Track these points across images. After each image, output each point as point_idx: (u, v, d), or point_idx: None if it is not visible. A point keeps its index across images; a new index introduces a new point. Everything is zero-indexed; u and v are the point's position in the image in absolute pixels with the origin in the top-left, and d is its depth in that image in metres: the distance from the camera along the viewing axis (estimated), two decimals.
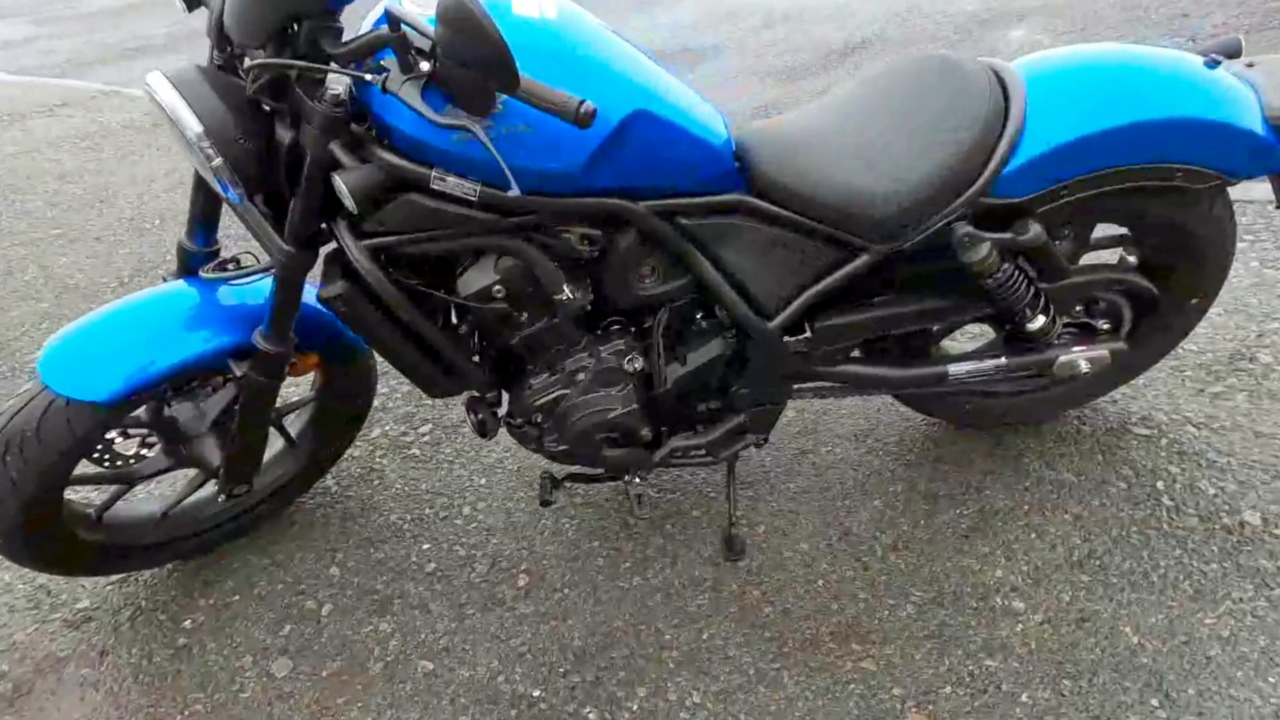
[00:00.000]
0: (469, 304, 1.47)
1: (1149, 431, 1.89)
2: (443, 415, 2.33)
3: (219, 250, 1.64)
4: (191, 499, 1.89)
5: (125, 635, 1.78)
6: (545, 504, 1.75)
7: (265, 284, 1.64)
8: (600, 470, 1.79)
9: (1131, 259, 1.67)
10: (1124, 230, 1.67)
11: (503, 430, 2.14)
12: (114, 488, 1.79)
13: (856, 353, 1.74)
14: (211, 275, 1.57)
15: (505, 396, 1.69)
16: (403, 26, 1.14)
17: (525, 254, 1.42)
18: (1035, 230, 1.45)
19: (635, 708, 1.53)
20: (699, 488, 1.97)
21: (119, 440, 1.70)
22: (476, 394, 1.70)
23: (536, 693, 1.58)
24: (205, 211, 1.58)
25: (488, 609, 1.76)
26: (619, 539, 1.87)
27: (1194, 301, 1.71)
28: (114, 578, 1.92)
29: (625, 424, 1.64)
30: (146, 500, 1.95)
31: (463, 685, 1.61)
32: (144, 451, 1.78)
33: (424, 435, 2.27)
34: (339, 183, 1.25)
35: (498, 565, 1.86)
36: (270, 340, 1.52)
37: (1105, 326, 1.70)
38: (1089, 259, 1.69)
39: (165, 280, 1.64)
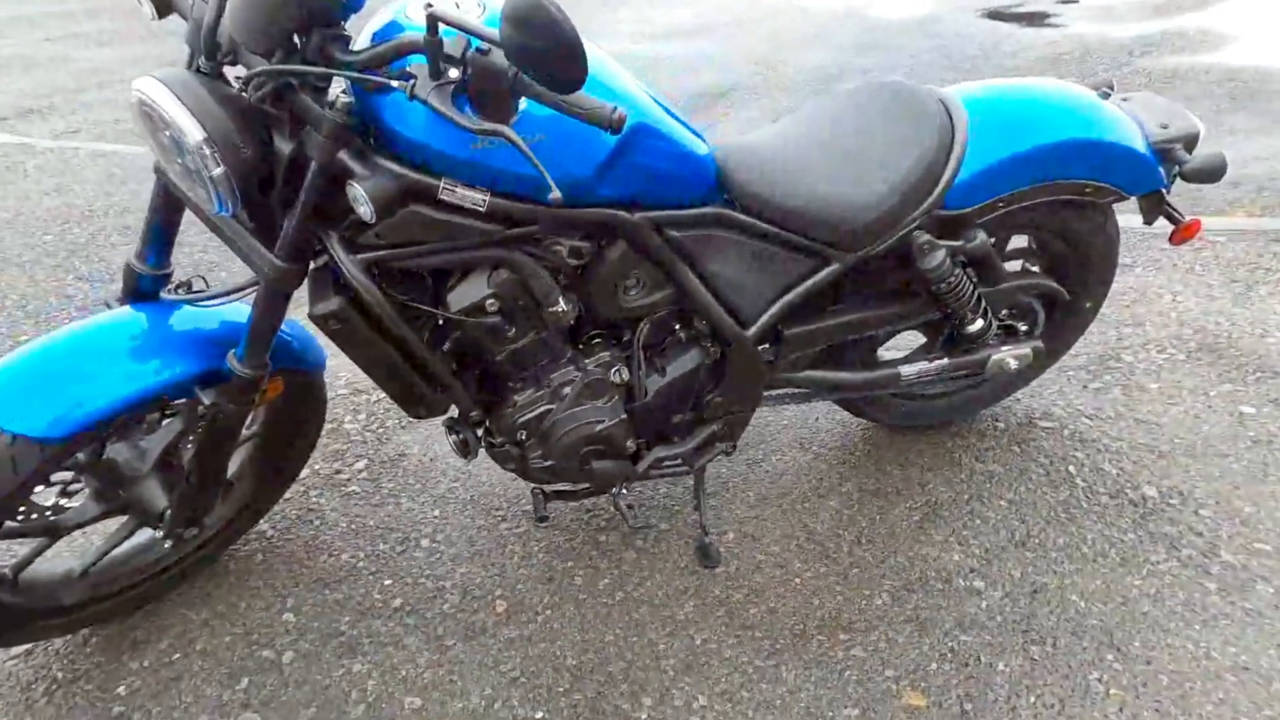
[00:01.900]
0: (460, 319, 1.46)
1: (1052, 424, 2.13)
2: (377, 450, 2.24)
3: (171, 273, 1.53)
4: (119, 551, 1.72)
5: (43, 714, 1.57)
6: (542, 520, 1.73)
7: (232, 307, 1.54)
8: (583, 486, 1.79)
9: (1034, 269, 1.91)
10: (1026, 243, 1.90)
11: (448, 459, 2.11)
12: (36, 541, 1.60)
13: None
14: (177, 297, 1.46)
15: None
16: (441, 31, 1.14)
17: (523, 266, 1.43)
18: (981, 237, 1.63)
19: (644, 717, 1.53)
20: (660, 502, 2.01)
21: (37, 489, 1.53)
22: (457, 413, 1.67)
23: (540, 714, 1.55)
24: (163, 230, 1.48)
25: (469, 638, 1.70)
26: (592, 557, 1.87)
27: (1088, 305, 1.97)
28: (14, 651, 1.70)
29: (612, 436, 1.66)
30: (62, 557, 1.75)
31: (457, 717, 1.55)
32: (64, 501, 1.61)
33: (360, 471, 2.17)
34: (357, 191, 1.22)
35: (471, 594, 1.81)
36: (247, 363, 1.43)
37: (1024, 328, 1.91)
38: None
39: (110, 306, 1.50)
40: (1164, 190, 1.76)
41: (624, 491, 1.74)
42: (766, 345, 1.74)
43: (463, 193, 1.29)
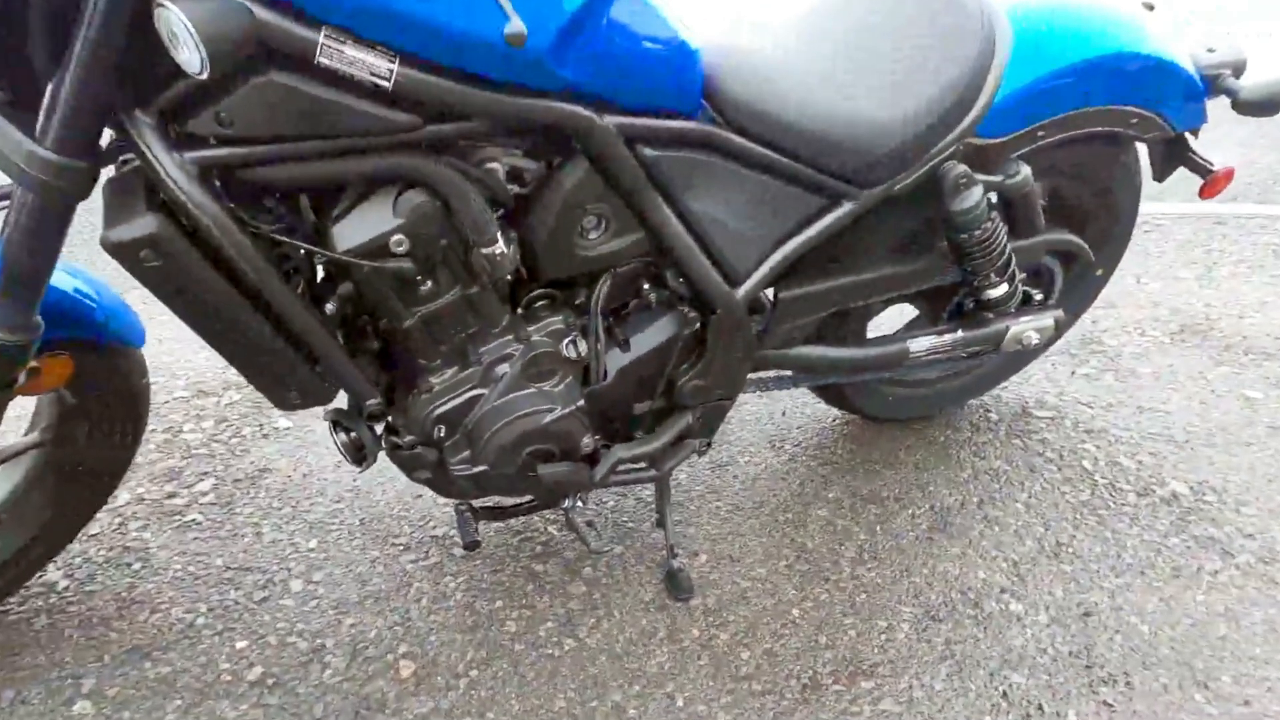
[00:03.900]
0: (352, 263, 1.01)
1: (1049, 414, 1.86)
2: (229, 465, 1.71)
3: None
4: None
5: None
6: (471, 547, 1.27)
7: None
8: (524, 500, 1.35)
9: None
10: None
11: (328, 474, 1.63)
12: None
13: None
14: None
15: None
16: None
17: (447, 185, 1.00)
18: (1025, 171, 1.31)
19: None
20: (607, 516, 1.59)
21: None
22: (347, 403, 1.20)
23: None
24: None
25: (361, 718, 1.22)
26: (528, 594, 1.43)
27: (1100, 272, 1.70)
28: None
29: (563, 431, 1.24)
30: None
31: None
32: None
33: (204, 494, 1.64)
34: (171, 15, 0.76)
35: (362, 654, 1.32)
36: (5, 322, 0.93)
37: (1039, 296, 1.62)
38: None
39: None
40: (1195, 132, 1.51)
41: (580, 505, 1.31)
42: (755, 314, 1.37)
43: (355, 54, 0.86)
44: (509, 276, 1.18)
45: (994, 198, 1.33)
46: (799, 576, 1.47)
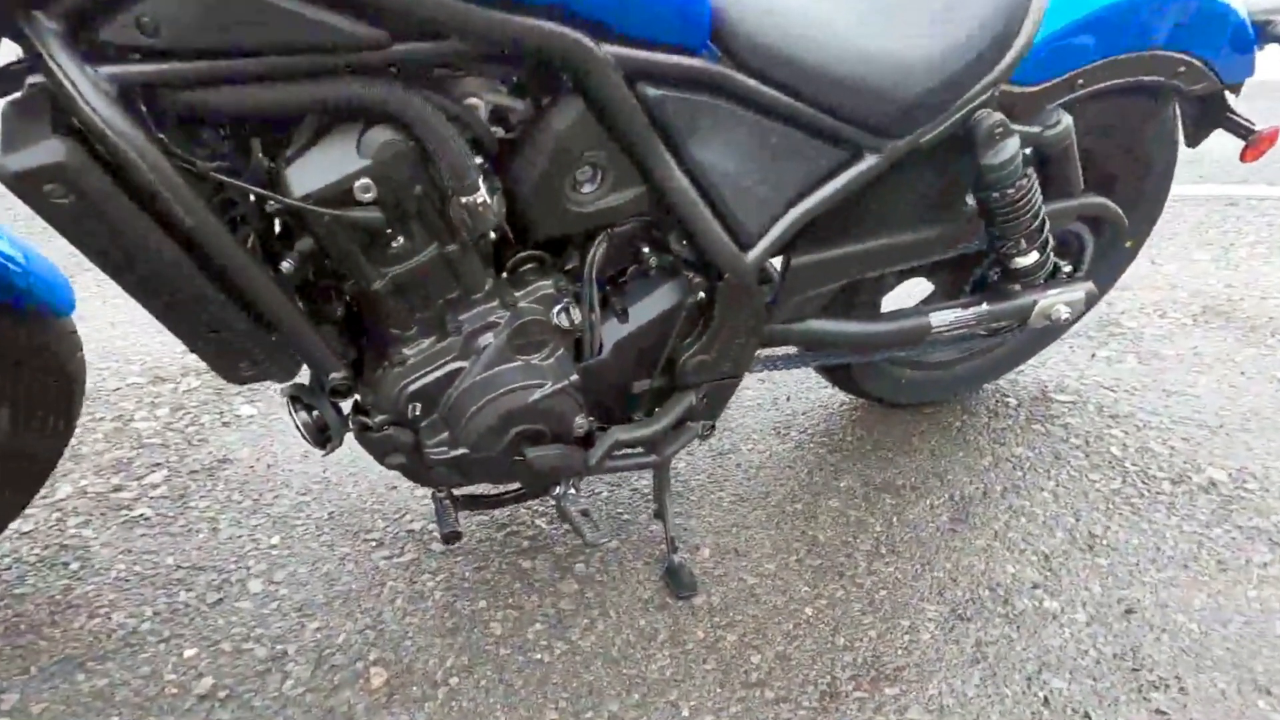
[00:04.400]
0: (311, 211, 0.87)
1: (1070, 398, 1.74)
2: (184, 456, 1.56)
3: None
4: None
5: None
6: (453, 539, 1.12)
7: None
8: (511, 489, 1.22)
9: None
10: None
11: (294, 465, 1.49)
12: None
13: None
14: None
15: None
16: None
17: (420, 119, 0.86)
18: (1066, 121, 1.19)
19: None
20: (600, 508, 1.45)
21: None
22: (310, 377, 1.06)
23: None
24: None
25: None
26: (515, 593, 1.29)
27: (1129, 245, 1.59)
28: None
29: (555, 409, 1.10)
30: None
31: None
32: None
33: (155, 486, 1.49)
34: None
35: (329, 662, 1.18)
36: None
37: (1067, 268, 1.50)
38: None
39: None
40: (1236, 89, 1.40)
41: (573, 493, 1.17)
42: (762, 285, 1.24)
43: None
44: (493, 235, 1.05)
45: (1028, 153, 1.21)
46: (811, 572, 1.34)
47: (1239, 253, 2.31)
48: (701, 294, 1.17)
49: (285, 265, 0.94)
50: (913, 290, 1.58)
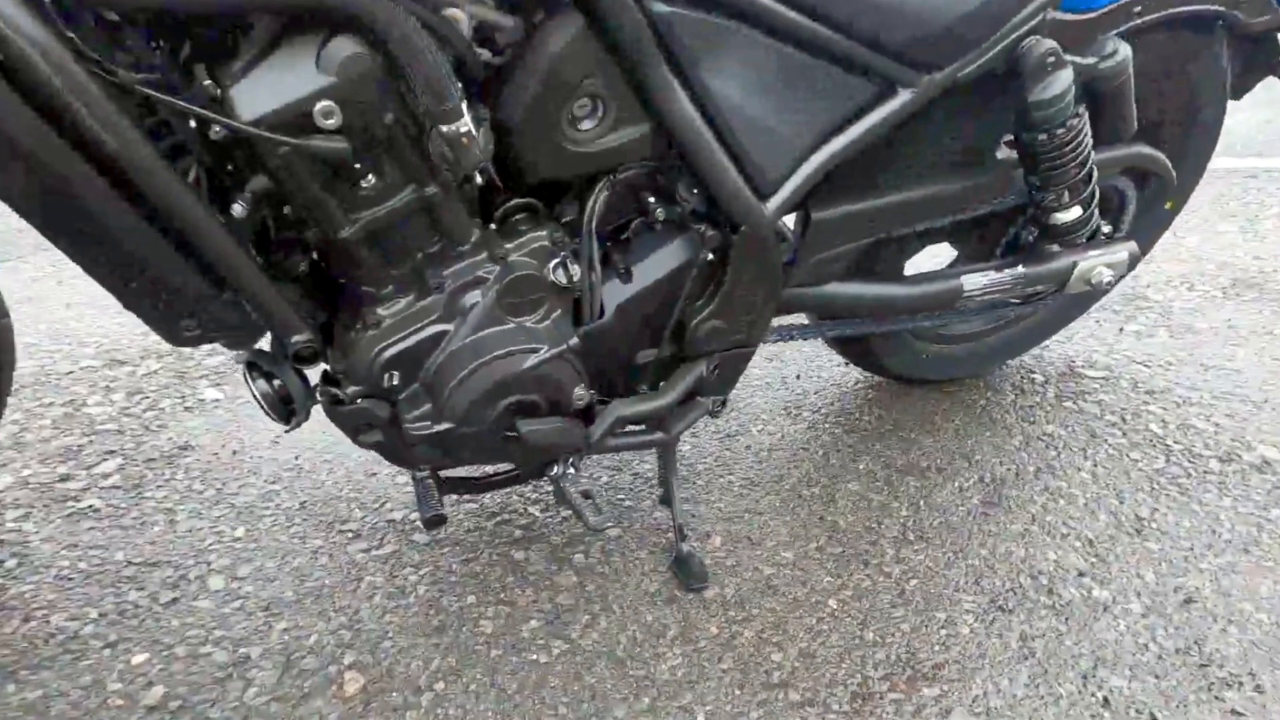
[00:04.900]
0: (263, 138, 0.74)
1: (1102, 374, 1.62)
2: (141, 442, 1.43)
3: None
4: None
5: None
6: (435, 523, 0.99)
7: None
8: (502, 471, 1.09)
9: None
10: None
11: (262, 451, 1.37)
12: None
13: None
14: None
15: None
16: None
17: (391, 28, 0.73)
18: (1124, 52, 1.07)
19: None
20: (601, 494, 1.32)
21: None
22: (270, 340, 0.93)
23: None
24: None
25: None
26: (507, 587, 1.16)
27: (1169, 206, 1.47)
28: None
29: (551, 377, 0.97)
30: None
31: None
32: None
33: (107, 476, 1.36)
34: None
35: (298, 666, 1.05)
36: None
37: (1106, 229, 1.37)
38: None
39: None
40: None
41: (572, 472, 1.04)
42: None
43: None
44: (479, 179, 0.92)
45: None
46: (833, 561, 1.22)
47: (1265, 225, 2.20)
48: (714, 250, 1.04)
49: (236, 208, 0.81)
50: (934, 258, 1.46)
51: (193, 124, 0.76)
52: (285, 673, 1.04)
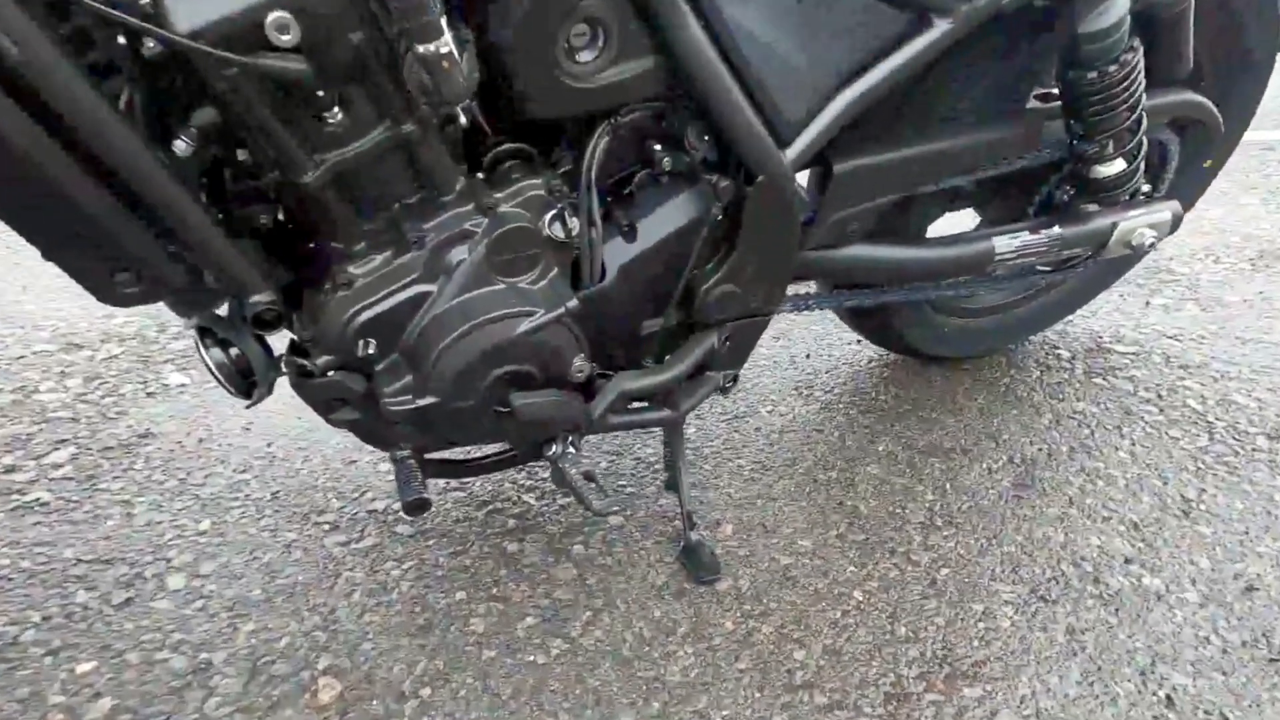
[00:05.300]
0: (207, 57, 0.63)
1: (1132, 349, 1.53)
2: (97, 430, 1.31)
3: None
4: None
5: None
6: (418, 508, 0.87)
7: None
8: (493, 453, 0.98)
9: None
10: None
11: (232, 438, 1.26)
12: None
13: None
14: None
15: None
16: None
17: None
18: None
19: None
20: (601, 480, 1.21)
21: None
22: (227, 304, 0.82)
23: None
24: None
25: None
26: (500, 580, 1.05)
27: (1207, 165, 1.37)
28: None
29: (548, 344, 0.86)
30: None
31: None
32: None
33: (58, 467, 1.24)
34: None
35: (265, 672, 0.93)
36: None
37: (1145, 187, 1.27)
38: None
39: None
40: None
41: (571, 452, 0.93)
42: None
43: None
44: (463, 118, 0.81)
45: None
46: (856, 549, 1.11)
47: None
48: (727, 206, 0.93)
49: (179, 144, 0.69)
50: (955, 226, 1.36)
51: (121, 39, 0.65)
52: (252, 680, 0.93)
